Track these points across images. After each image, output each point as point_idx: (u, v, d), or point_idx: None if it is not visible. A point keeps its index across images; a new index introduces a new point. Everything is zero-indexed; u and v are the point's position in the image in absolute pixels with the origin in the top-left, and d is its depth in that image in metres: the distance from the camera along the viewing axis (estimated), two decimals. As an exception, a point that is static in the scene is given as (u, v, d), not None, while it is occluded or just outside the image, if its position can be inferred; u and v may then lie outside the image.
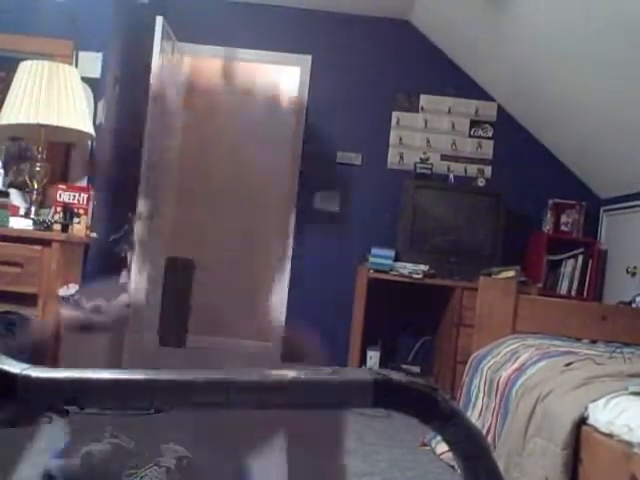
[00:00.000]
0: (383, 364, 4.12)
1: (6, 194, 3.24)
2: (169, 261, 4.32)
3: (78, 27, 3.34)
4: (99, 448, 0.91)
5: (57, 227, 3.00)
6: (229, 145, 4.94)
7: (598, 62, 3.21)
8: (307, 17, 4.45)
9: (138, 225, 3.74)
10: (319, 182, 4.44)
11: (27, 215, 3.14)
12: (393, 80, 4.48)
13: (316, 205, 4.44)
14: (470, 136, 4.53)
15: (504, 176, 4.44)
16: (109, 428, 0.90)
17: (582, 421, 2.14)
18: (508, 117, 4.51)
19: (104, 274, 3.37)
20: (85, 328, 0.79)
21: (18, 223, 2.97)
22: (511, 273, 3.90)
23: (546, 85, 3.81)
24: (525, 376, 2.71)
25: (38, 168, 3.19)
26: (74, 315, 0.79)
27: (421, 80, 4.49)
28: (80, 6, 3.42)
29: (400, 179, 4.32)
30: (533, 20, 3.35)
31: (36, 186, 3.18)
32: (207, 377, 0.46)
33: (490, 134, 4.53)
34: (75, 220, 3.12)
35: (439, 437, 0.49)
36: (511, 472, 2.40)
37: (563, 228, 4.40)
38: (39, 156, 3.20)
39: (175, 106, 4.42)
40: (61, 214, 3.14)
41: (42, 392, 0.44)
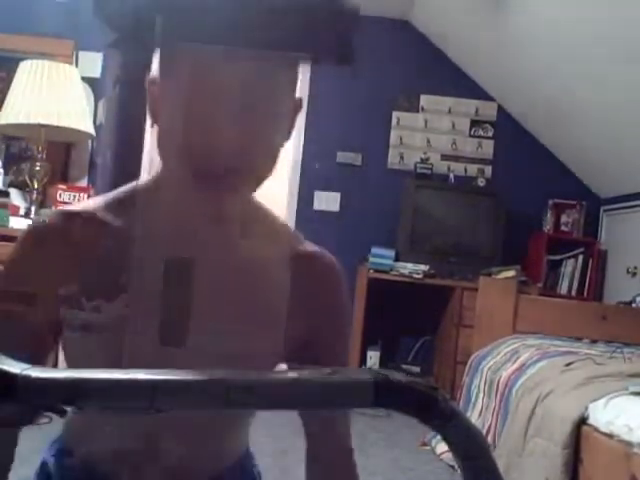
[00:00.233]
0: (383, 364, 4.12)
1: (6, 194, 3.24)
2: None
3: (78, 27, 3.34)
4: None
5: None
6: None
7: (598, 62, 3.21)
8: (307, 17, 4.44)
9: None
10: (319, 182, 4.44)
11: (27, 215, 3.14)
12: (393, 80, 4.48)
13: (316, 205, 4.44)
14: (470, 136, 4.53)
15: (504, 176, 4.44)
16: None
17: (582, 421, 2.14)
18: (508, 117, 4.50)
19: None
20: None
21: (18, 223, 2.97)
22: (511, 273, 3.90)
23: (546, 85, 3.82)
24: (525, 376, 2.71)
25: (38, 168, 3.19)
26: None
27: (421, 80, 4.49)
28: (80, 6, 3.42)
29: (400, 179, 4.32)
30: (533, 20, 3.36)
31: (36, 186, 3.18)
32: (207, 377, 0.46)
33: (490, 134, 4.53)
34: (75, 220, 3.12)
35: (439, 437, 0.49)
36: (511, 472, 2.40)
37: (563, 228, 4.40)
38: (39, 156, 3.20)
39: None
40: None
41: (42, 392, 0.44)
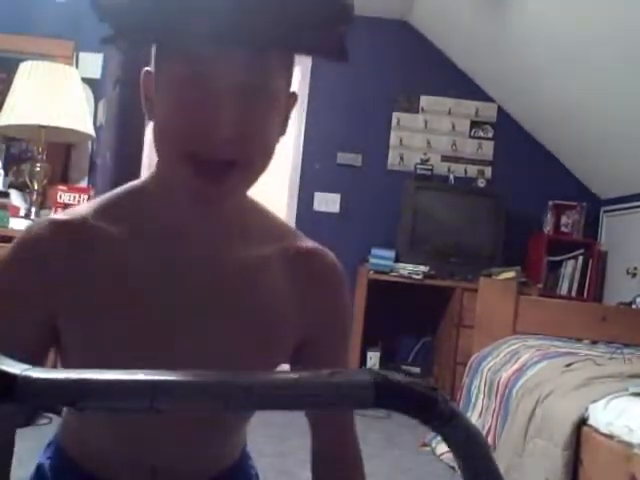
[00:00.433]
0: (383, 365, 4.12)
1: (6, 195, 3.24)
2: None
3: (78, 28, 3.34)
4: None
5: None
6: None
7: (598, 63, 3.21)
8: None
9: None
10: (319, 183, 4.44)
11: (27, 216, 3.14)
12: (393, 81, 4.48)
13: (316, 206, 4.44)
14: (470, 137, 4.53)
15: (504, 177, 4.44)
16: None
17: (582, 422, 2.14)
18: (508, 118, 4.50)
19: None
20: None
21: (18, 224, 2.97)
22: (511, 274, 3.90)
23: (546, 86, 3.82)
24: (525, 377, 2.71)
25: (38, 169, 3.19)
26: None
27: (421, 81, 4.49)
28: (80, 7, 3.42)
29: (400, 180, 4.32)
30: (533, 20, 3.36)
31: (36, 187, 3.18)
32: (207, 378, 0.46)
33: (490, 135, 4.53)
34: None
35: (439, 437, 0.49)
36: (511, 473, 2.40)
37: (563, 229, 4.40)
38: (39, 157, 3.20)
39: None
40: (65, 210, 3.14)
41: (42, 393, 0.44)
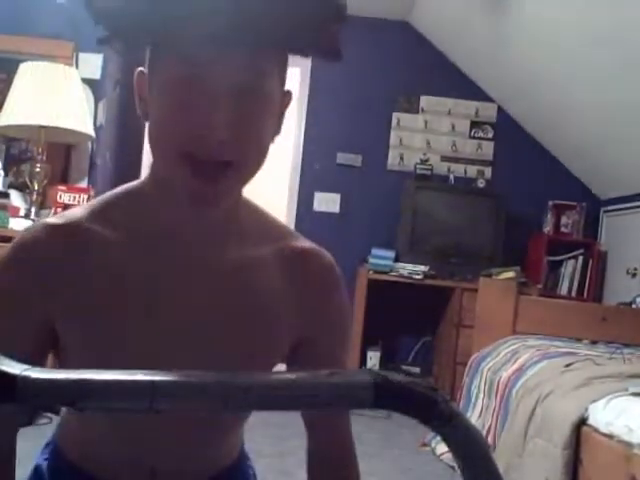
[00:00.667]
0: (383, 365, 4.12)
1: (6, 195, 3.24)
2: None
3: (78, 28, 3.34)
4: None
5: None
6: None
7: (598, 64, 3.21)
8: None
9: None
10: (319, 183, 4.44)
11: (27, 216, 3.14)
12: (393, 81, 4.48)
13: (316, 206, 4.44)
14: (470, 137, 4.53)
15: (504, 177, 4.45)
16: None
17: (582, 422, 2.14)
18: (508, 118, 4.51)
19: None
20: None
21: (18, 224, 2.97)
22: (511, 274, 3.90)
23: (546, 86, 3.82)
24: (525, 377, 2.71)
25: (38, 169, 3.19)
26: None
27: (421, 81, 4.49)
28: (80, 7, 3.42)
29: (400, 180, 4.32)
30: (533, 21, 3.36)
31: (36, 187, 3.18)
32: (207, 378, 0.46)
33: (490, 135, 4.53)
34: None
35: (439, 437, 0.49)
36: (511, 473, 2.40)
37: (563, 229, 4.40)
38: (39, 157, 3.20)
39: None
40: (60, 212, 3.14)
41: (42, 393, 0.44)
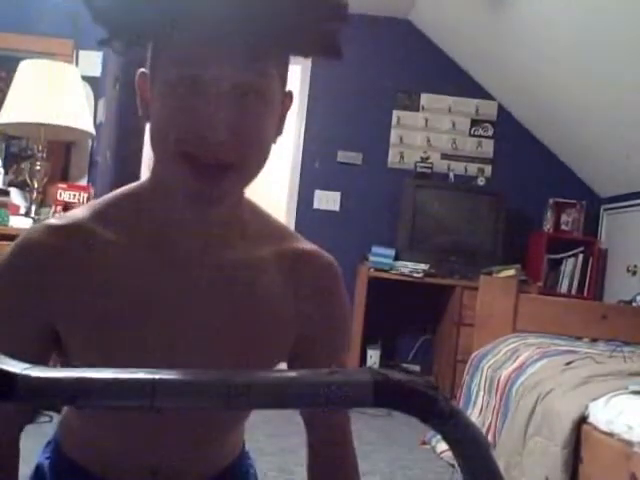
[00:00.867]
0: (383, 363, 4.12)
1: (6, 193, 3.24)
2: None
3: (78, 26, 3.34)
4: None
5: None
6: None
7: (598, 61, 3.21)
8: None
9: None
10: (319, 181, 4.44)
11: (27, 214, 3.14)
12: (393, 79, 4.48)
13: (316, 204, 4.44)
14: (470, 135, 4.53)
15: (504, 175, 4.44)
16: None
17: (582, 420, 2.14)
18: (508, 116, 4.50)
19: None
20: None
21: (18, 222, 2.97)
22: (511, 272, 3.90)
23: (547, 84, 3.81)
24: (525, 375, 2.71)
25: (38, 167, 3.19)
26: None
27: (421, 79, 4.49)
28: (80, 5, 3.41)
29: (400, 178, 4.32)
30: (534, 19, 3.35)
31: (36, 185, 3.18)
32: (207, 377, 0.46)
33: (490, 133, 4.53)
34: (75, 219, 3.12)
35: (439, 436, 0.49)
36: (511, 471, 2.40)
37: (563, 227, 4.40)
38: (39, 155, 3.19)
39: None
40: (61, 213, 3.14)
41: (42, 391, 0.44)
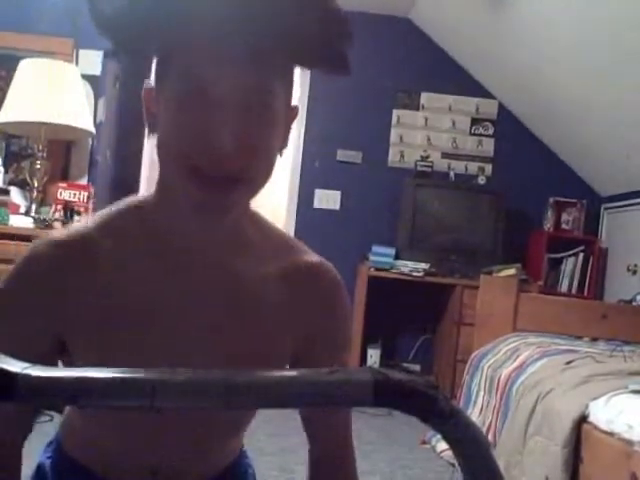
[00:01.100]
0: (383, 362, 4.12)
1: (6, 192, 3.24)
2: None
3: (78, 25, 3.34)
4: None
5: (57, 225, 3.00)
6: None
7: (599, 60, 3.21)
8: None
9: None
10: (319, 180, 4.44)
11: (27, 213, 3.14)
12: (393, 78, 4.48)
13: (316, 203, 4.44)
14: (471, 134, 4.52)
15: (505, 174, 4.44)
16: None
17: (582, 419, 2.14)
18: (509, 115, 4.50)
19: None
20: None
21: (18, 221, 2.98)
22: (512, 271, 3.90)
23: (547, 83, 3.81)
24: (526, 374, 2.71)
25: (38, 166, 3.19)
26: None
27: (422, 78, 4.49)
28: (80, 4, 3.41)
29: (401, 177, 4.32)
30: (534, 19, 3.35)
31: (36, 184, 3.18)
32: (207, 377, 0.46)
33: (491, 132, 4.52)
34: (75, 218, 3.12)
35: (439, 435, 0.49)
36: (511, 470, 2.40)
37: (564, 226, 4.40)
38: (39, 154, 3.20)
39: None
40: (61, 212, 3.14)
41: (42, 391, 0.44)
